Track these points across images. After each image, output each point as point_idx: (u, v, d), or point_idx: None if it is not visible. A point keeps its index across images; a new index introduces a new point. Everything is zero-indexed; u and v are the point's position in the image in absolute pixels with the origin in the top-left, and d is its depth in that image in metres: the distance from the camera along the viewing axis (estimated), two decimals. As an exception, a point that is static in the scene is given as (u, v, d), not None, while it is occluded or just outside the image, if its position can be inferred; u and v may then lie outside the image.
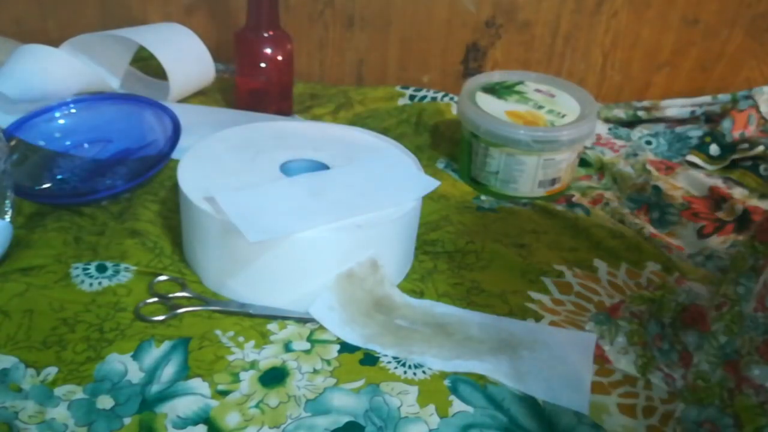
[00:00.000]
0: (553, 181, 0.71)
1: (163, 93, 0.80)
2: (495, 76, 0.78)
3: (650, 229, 0.69)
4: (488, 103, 0.72)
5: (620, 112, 0.90)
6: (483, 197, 0.72)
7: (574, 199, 0.74)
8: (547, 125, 0.69)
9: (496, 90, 0.75)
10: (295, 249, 0.51)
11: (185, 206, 0.54)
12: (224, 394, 0.46)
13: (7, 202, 0.57)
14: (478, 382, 0.48)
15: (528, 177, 0.70)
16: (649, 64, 0.96)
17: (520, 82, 0.77)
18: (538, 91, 0.75)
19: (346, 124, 0.78)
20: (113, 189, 0.62)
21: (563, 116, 0.71)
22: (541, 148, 0.68)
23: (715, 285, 0.56)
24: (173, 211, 0.62)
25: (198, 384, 0.46)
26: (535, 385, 0.48)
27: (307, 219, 0.51)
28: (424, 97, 0.90)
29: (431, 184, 0.57)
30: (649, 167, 0.78)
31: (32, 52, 0.74)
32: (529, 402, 0.47)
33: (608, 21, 0.93)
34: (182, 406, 0.44)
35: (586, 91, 0.75)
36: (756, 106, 0.85)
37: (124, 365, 0.47)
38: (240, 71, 0.81)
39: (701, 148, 0.82)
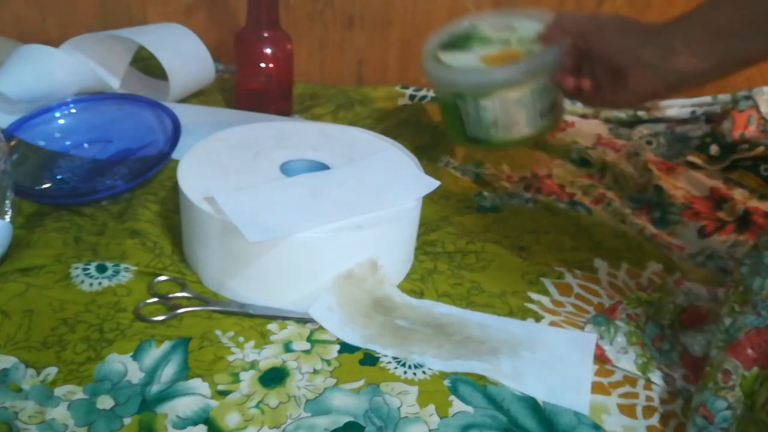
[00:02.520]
0: (552, 107, 0.67)
1: (163, 93, 0.80)
2: (445, 32, 0.71)
3: (651, 229, 0.69)
4: (456, 58, 0.67)
5: (620, 112, 0.90)
6: (485, 194, 0.72)
7: (575, 197, 0.74)
8: (525, 56, 0.65)
9: (455, 44, 0.69)
10: (295, 249, 0.51)
11: (185, 206, 0.54)
12: (224, 394, 0.46)
13: (7, 202, 0.57)
14: (478, 383, 0.48)
15: (528, 112, 0.65)
16: (649, 64, 0.95)
17: (473, 27, 0.71)
18: (495, 29, 0.70)
19: (346, 124, 0.78)
20: (113, 189, 0.62)
21: (534, 42, 0.65)
22: (532, 75, 0.63)
23: (715, 285, 0.56)
24: (173, 211, 0.62)
25: (198, 384, 0.46)
26: (535, 385, 0.48)
27: (307, 219, 0.51)
28: (424, 97, 0.90)
29: (431, 184, 0.57)
30: (650, 167, 0.78)
31: (32, 52, 0.74)
32: (529, 402, 0.47)
33: (608, 21, 0.93)
34: (182, 407, 0.44)
35: (544, 8, 0.69)
36: (756, 107, 0.85)
37: (124, 365, 0.47)
38: (240, 71, 0.81)
39: (701, 148, 0.82)
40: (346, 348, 0.50)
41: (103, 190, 0.62)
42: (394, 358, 0.49)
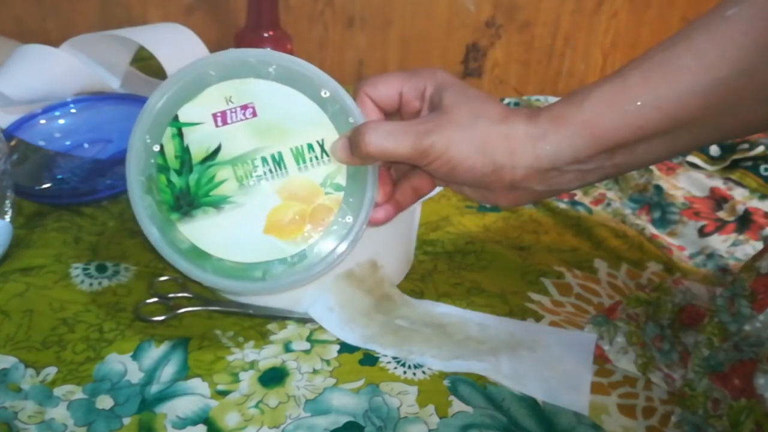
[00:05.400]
0: None
1: (163, 93, 0.80)
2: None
3: (651, 230, 0.69)
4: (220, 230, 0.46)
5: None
6: None
7: (575, 197, 0.74)
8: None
9: (190, 204, 0.46)
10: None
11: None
12: (224, 394, 0.46)
13: (7, 202, 0.57)
14: (478, 383, 0.48)
15: None
16: (649, 64, 0.96)
17: (215, 151, 0.46)
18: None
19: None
20: (113, 189, 0.62)
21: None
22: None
23: (714, 285, 0.56)
24: (173, 211, 0.62)
25: (197, 384, 0.46)
26: (534, 385, 0.48)
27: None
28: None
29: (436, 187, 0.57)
30: (651, 167, 0.78)
31: (32, 52, 0.74)
32: (529, 402, 0.47)
33: (608, 21, 0.94)
34: (182, 406, 0.44)
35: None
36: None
37: (124, 365, 0.47)
38: (240, 71, 0.81)
39: (701, 148, 0.82)
40: (345, 348, 0.50)
41: (103, 190, 0.62)
42: (394, 358, 0.49)
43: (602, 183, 0.77)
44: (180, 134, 0.45)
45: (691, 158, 0.82)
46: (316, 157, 0.46)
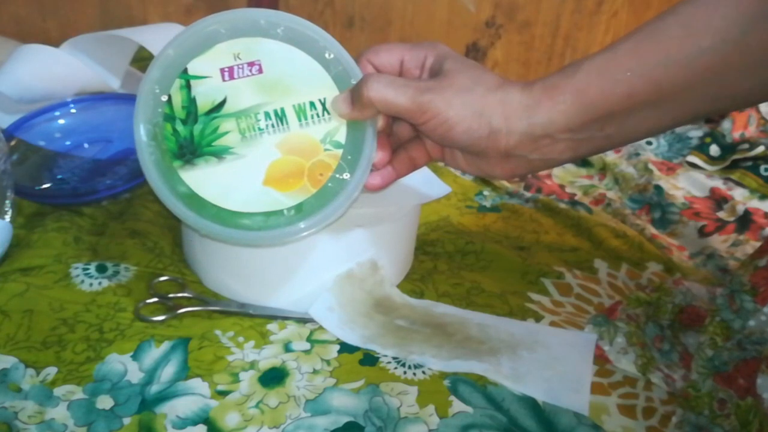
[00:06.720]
0: None
1: (163, 93, 0.80)
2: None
3: (651, 230, 0.69)
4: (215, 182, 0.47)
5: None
6: (485, 193, 0.72)
7: (575, 197, 0.74)
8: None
9: (194, 152, 0.47)
10: (295, 249, 0.51)
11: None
12: (224, 394, 0.46)
13: (7, 202, 0.57)
14: (478, 383, 0.48)
15: None
16: (649, 64, 0.96)
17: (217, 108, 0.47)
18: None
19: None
20: (113, 189, 0.62)
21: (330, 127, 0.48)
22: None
23: (714, 285, 0.56)
24: (173, 211, 0.62)
25: (198, 384, 0.46)
26: (534, 385, 0.48)
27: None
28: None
29: (442, 190, 0.57)
30: (651, 167, 0.78)
31: (32, 52, 0.74)
32: (529, 402, 0.47)
33: (608, 21, 0.94)
34: (182, 407, 0.44)
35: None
36: (756, 107, 0.85)
37: (124, 365, 0.47)
38: (240, 71, 0.81)
39: (701, 148, 0.82)
40: (345, 348, 0.50)
41: (103, 190, 0.62)
42: (394, 358, 0.49)
43: (602, 183, 0.77)
44: (188, 86, 0.47)
45: (691, 158, 0.82)
46: (318, 115, 0.47)
